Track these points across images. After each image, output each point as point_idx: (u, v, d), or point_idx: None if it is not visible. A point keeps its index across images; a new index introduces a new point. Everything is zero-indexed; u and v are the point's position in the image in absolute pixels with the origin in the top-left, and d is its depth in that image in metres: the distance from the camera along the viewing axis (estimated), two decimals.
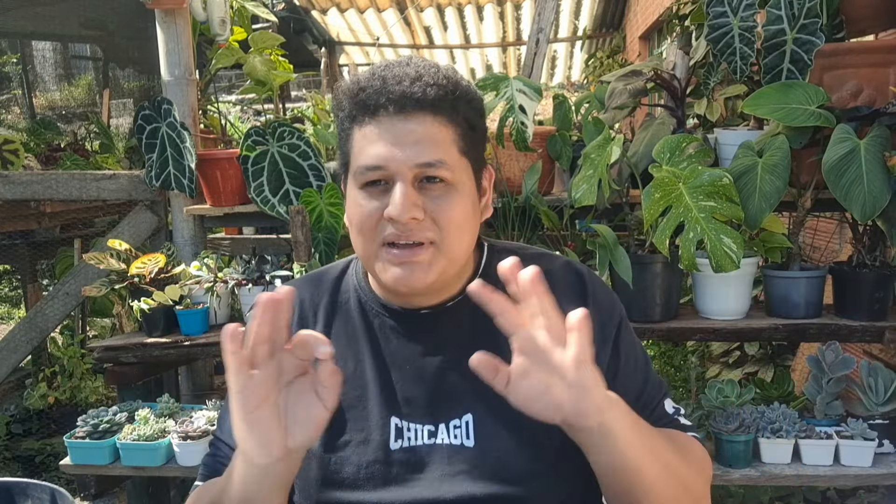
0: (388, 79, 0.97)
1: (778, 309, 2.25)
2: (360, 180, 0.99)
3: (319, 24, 7.49)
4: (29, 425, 3.83)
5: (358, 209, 0.99)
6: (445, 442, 1.02)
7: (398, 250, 0.98)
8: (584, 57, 9.16)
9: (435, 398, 1.03)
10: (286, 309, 0.80)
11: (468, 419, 1.02)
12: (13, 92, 6.15)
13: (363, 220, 0.99)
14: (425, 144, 0.96)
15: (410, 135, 0.96)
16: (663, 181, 2.04)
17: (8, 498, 1.69)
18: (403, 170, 0.96)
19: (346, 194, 1.04)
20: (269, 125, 2.75)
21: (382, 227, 0.98)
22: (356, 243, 1.02)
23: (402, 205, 0.95)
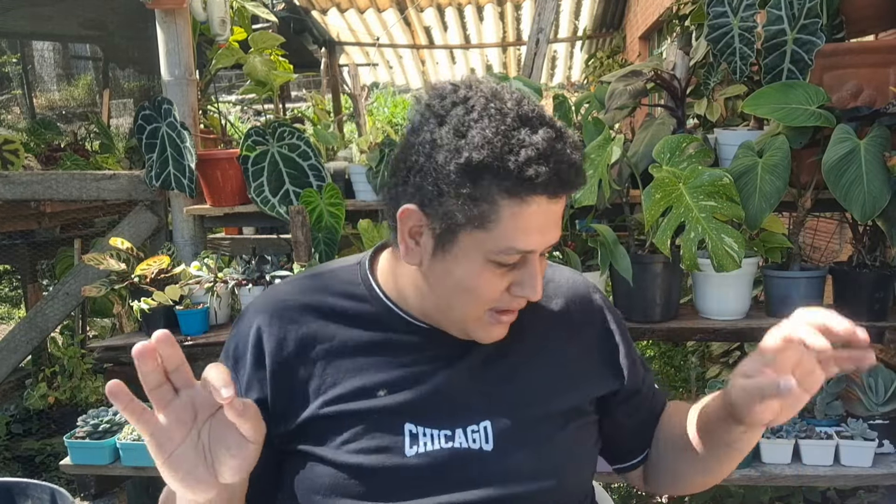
0: (562, 164, 0.91)
1: (778, 309, 2.25)
2: (496, 258, 0.94)
3: (319, 25, 7.49)
4: (29, 425, 3.83)
5: (480, 280, 0.96)
6: (464, 446, 1.01)
7: (504, 314, 1.00)
8: (584, 57, 9.16)
9: (453, 404, 1.02)
10: (166, 352, 0.81)
11: (486, 425, 1.02)
12: (13, 92, 6.15)
13: (488, 293, 0.97)
14: (559, 225, 0.98)
15: (554, 217, 0.96)
16: (664, 181, 2.04)
17: (8, 498, 1.70)
18: (540, 250, 0.97)
19: (451, 249, 0.96)
20: (269, 125, 2.75)
21: (504, 300, 0.98)
22: (456, 304, 0.99)
23: (540, 287, 0.97)
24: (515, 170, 0.88)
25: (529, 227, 0.92)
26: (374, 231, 2.50)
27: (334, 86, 7.46)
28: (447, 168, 0.91)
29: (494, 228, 0.92)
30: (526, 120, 0.91)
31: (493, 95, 0.93)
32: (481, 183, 0.90)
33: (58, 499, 1.70)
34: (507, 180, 0.89)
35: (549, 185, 0.90)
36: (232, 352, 1.08)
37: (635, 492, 2.91)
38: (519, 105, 0.92)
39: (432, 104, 0.95)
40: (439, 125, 0.92)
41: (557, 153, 0.90)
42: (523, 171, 0.88)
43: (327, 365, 1.03)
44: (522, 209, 0.91)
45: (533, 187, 0.90)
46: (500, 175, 0.89)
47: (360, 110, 5.77)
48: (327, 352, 1.04)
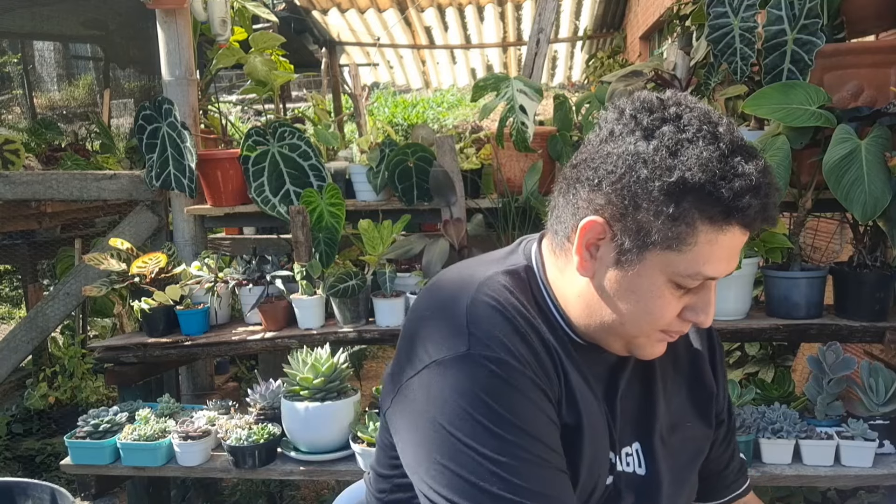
0: (770, 200, 0.89)
1: (778, 309, 2.25)
2: (681, 281, 0.92)
3: (320, 25, 7.49)
4: (29, 425, 3.83)
5: (661, 301, 0.94)
6: (624, 470, 1.04)
7: (669, 335, 1.00)
8: (585, 57, 9.16)
9: (618, 427, 1.04)
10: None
11: (637, 447, 1.05)
12: (14, 92, 6.15)
13: (664, 314, 0.95)
14: (740, 254, 0.97)
15: (740, 247, 0.94)
16: None
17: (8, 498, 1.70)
18: (722, 277, 0.96)
19: (635, 265, 0.92)
20: (269, 125, 2.76)
21: (675, 323, 0.97)
22: (629, 321, 0.96)
23: (712, 314, 0.97)
24: (729, 198, 0.86)
25: (720, 256, 0.91)
26: (374, 231, 2.50)
27: (335, 86, 7.46)
28: (651, 184, 0.88)
29: (688, 252, 0.90)
30: (739, 149, 0.89)
31: (706, 117, 0.90)
32: (684, 205, 0.87)
33: (58, 499, 1.70)
34: (716, 207, 0.87)
35: (756, 219, 0.89)
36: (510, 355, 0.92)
37: None
38: (731, 132, 0.90)
39: (639, 117, 0.91)
40: (645, 139, 0.89)
41: (767, 187, 0.88)
42: (736, 201, 0.86)
43: (568, 375, 0.99)
44: (718, 237, 0.89)
45: (741, 218, 0.88)
46: (709, 201, 0.87)
47: (360, 110, 5.77)
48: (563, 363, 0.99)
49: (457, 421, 0.88)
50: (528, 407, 0.90)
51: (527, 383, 0.91)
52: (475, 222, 2.53)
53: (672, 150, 0.87)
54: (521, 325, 0.94)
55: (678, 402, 1.11)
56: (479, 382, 0.89)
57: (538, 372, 0.93)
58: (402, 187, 2.59)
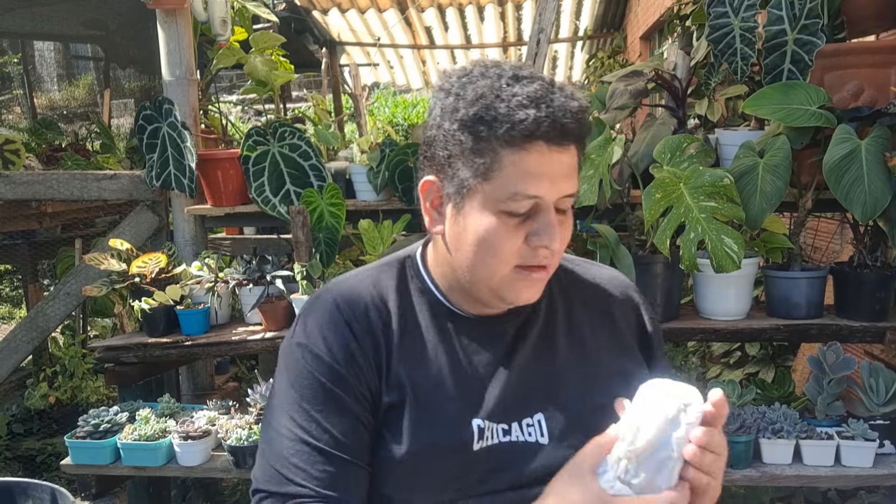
0: (555, 109, 0.94)
1: (779, 309, 2.25)
2: (505, 206, 0.96)
3: (320, 25, 7.49)
4: (30, 425, 3.83)
5: (495, 232, 0.98)
6: (521, 440, 1.04)
7: (534, 273, 1.01)
8: (585, 57, 9.15)
9: (506, 399, 1.05)
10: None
11: (539, 418, 1.05)
12: (14, 92, 6.15)
13: (501, 245, 0.98)
14: (572, 177, 0.99)
15: (564, 168, 0.97)
16: (664, 181, 2.04)
17: (9, 497, 1.70)
18: (552, 201, 0.98)
19: (459, 209, 1.00)
20: (269, 125, 2.76)
21: (524, 254, 0.99)
22: (477, 262, 1.00)
23: (557, 235, 0.98)
24: (507, 115, 0.93)
25: (533, 172, 0.95)
26: (374, 231, 2.50)
27: (335, 86, 7.46)
28: (451, 129, 0.97)
29: (498, 178, 0.95)
30: (521, 78, 0.96)
31: (494, 64, 0.99)
32: (480, 135, 0.95)
33: (58, 498, 1.70)
34: (501, 128, 0.93)
35: (541, 128, 0.93)
36: (324, 346, 1.03)
37: None
38: (516, 69, 0.97)
39: (442, 84, 1.01)
40: (446, 97, 0.99)
41: (550, 100, 0.94)
42: (514, 114, 0.93)
43: (399, 355, 1.05)
44: (522, 156, 0.94)
45: (527, 132, 0.93)
46: (495, 125, 0.94)
47: (360, 110, 5.76)
48: (398, 343, 1.05)
49: (275, 393, 1.06)
50: (320, 393, 1.01)
51: (326, 372, 1.02)
52: None
53: (460, 95, 0.97)
54: (344, 319, 1.04)
55: (595, 370, 1.10)
56: (289, 366, 1.05)
57: (346, 363, 1.02)
58: (402, 187, 2.59)
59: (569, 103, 0.95)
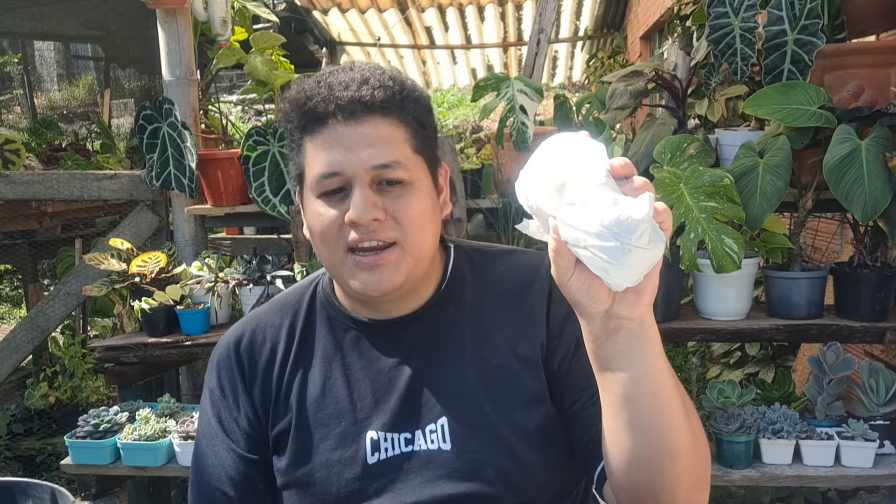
0: (335, 85, 0.97)
1: (779, 309, 2.25)
2: (317, 189, 0.98)
3: (320, 25, 7.49)
4: (30, 425, 3.83)
5: (318, 218, 0.99)
6: (423, 448, 1.01)
7: (364, 255, 0.98)
8: (585, 57, 9.15)
9: (409, 406, 1.03)
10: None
11: (443, 423, 1.02)
12: (14, 92, 6.15)
13: (325, 229, 0.98)
14: (379, 147, 0.97)
15: (363, 139, 0.96)
16: (664, 181, 2.04)
17: (9, 497, 1.69)
18: (360, 174, 0.96)
19: (303, 207, 1.04)
20: (270, 125, 2.76)
21: (345, 234, 0.97)
22: (321, 254, 1.02)
23: (361, 206, 0.95)
24: (300, 105, 0.99)
25: (328, 151, 0.97)
26: None
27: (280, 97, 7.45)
28: (287, 139, 1.04)
29: (308, 166, 1.00)
30: (339, 70, 1.01)
31: (340, 70, 1.02)
32: (293, 135, 1.01)
33: (58, 498, 1.70)
34: (301, 121, 0.99)
35: (329, 108, 0.96)
36: (216, 381, 1.12)
37: None
38: (343, 69, 1.01)
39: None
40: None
41: (337, 80, 0.98)
42: (304, 105, 0.98)
43: (296, 378, 1.07)
44: (318, 139, 0.98)
45: (319, 115, 0.97)
46: (294, 120, 1.00)
47: None
48: (295, 363, 1.08)
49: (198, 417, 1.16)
50: (208, 423, 1.11)
51: (212, 411, 1.11)
52: (476, 222, 2.54)
53: (290, 100, 1.02)
54: (236, 357, 1.10)
55: (501, 367, 1.03)
56: (203, 395, 1.14)
57: (230, 400, 1.10)
58: None
59: (353, 76, 0.98)
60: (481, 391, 1.02)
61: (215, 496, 1.08)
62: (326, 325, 1.09)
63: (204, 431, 1.11)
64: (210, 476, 1.08)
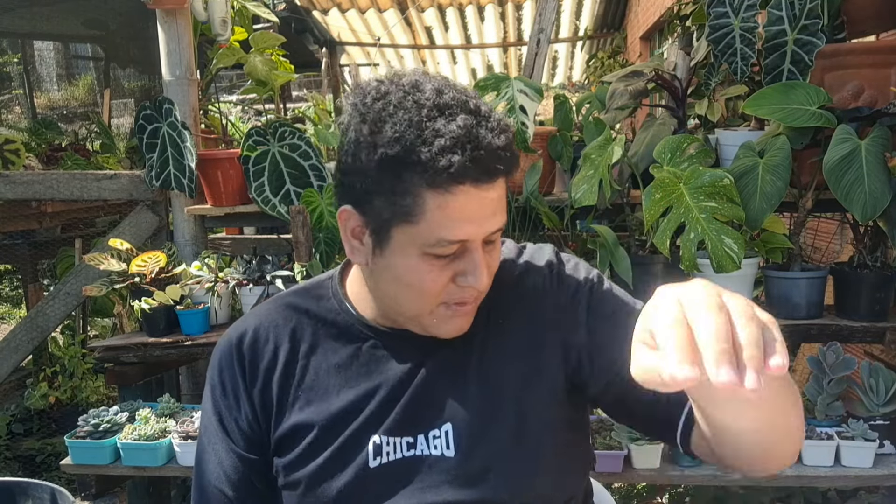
0: (482, 149, 0.88)
1: (779, 309, 2.24)
2: (430, 250, 0.92)
3: (320, 25, 7.49)
4: (30, 425, 3.83)
5: (419, 275, 0.93)
6: (425, 453, 1.00)
7: (460, 306, 0.97)
8: (585, 57, 9.15)
9: (414, 411, 1.01)
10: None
11: (447, 429, 1.00)
12: (14, 91, 6.15)
13: (428, 288, 0.94)
14: (500, 211, 0.94)
15: (490, 204, 0.92)
16: (664, 181, 2.04)
17: (9, 497, 1.70)
18: (480, 239, 0.93)
19: (388, 247, 0.94)
20: (269, 125, 2.76)
21: (450, 292, 0.95)
22: (402, 300, 0.98)
23: (485, 276, 0.94)
24: (429, 161, 0.87)
25: (459, 217, 0.89)
26: None
27: (335, 86, 7.46)
28: (369, 165, 0.90)
29: (422, 222, 0.90)
30: (443, 108, 0.89)
31: (413, 87, 0.91)
32: (402, 177, 0.89)
33: (58, 498, 1.70)
34: (425, 172, 0.87)
35: (468, 173, 0.87)
36: (218, 377, 1.10)
37: (636, 492, 2.91)
38: (439, 94, 0.90)
39: (356, 103, 0.93)
40: (361, 122, 0.91)
41: (475, 139, 0.88)
42: (437, 161, 0.86)
43: (302, 381, 1.05)
44: (447, 200, 0.88)
45: (452, 177, 0.87)
46: (417, 168, 0.87)
47: None
48: (301, 367, 1.06)
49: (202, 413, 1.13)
50: (209, 420, 1.10)
51: (213, 409, 1.09)
52: None
53: (377, 128, 0.89)
54: (238, 355, 1.08)
55: (508, 371, 1.02)
56: (206, 391, 1.12)
57: (231, 399, 1.08)
58: None
59: (495, 140, 0.89)
60: (490, 398, 1.01)
61: (214, 495, 1.08)
62: (336, 331, 1.07)
63: (205, 429, 1.10)
64: (210, 475, 1.08)
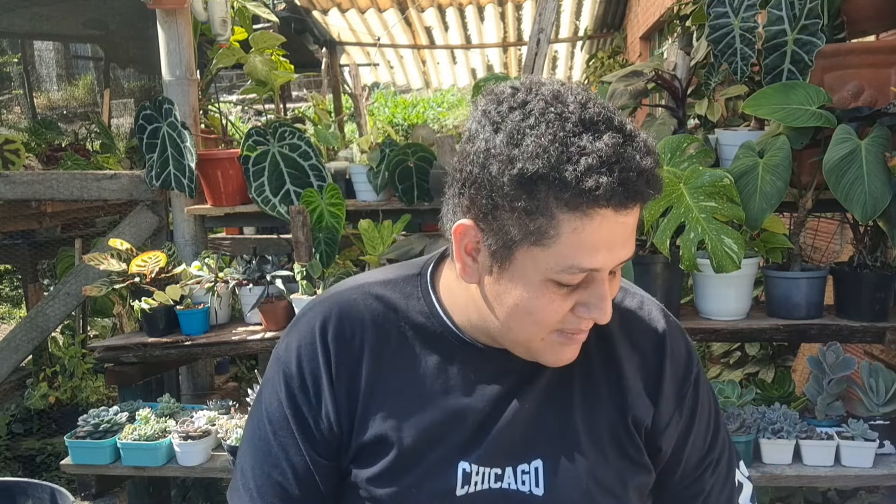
0: (630, 171, 0.81)
1: (779, 309, 2.25)
2: (557, 277, 0.86)
3: (320, 25, 7.49)
4: (30, 425, 3.83)
5: (546, 304, 0.88)
6: (513, 488, 0.96)
7: (574, 335, 0.92)
8: (585, 57, 9.15)
9: (505, 441, 0.96)
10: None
11: (538, 465, 0.96)
12: (14, 91, 6.15)
13: (549, 315, 0.89)
14: (632, 239, 0.88)
15: (625, 231, 0.85)
16: (664, 182, 2.04)
17: (9, 497, 1.70)
18: (609, 268, 0.88)
19: (507, 269, 0.88)
20: (269, 125, 2.76)
21: (568, 321, 0.90)
22: (515, 325, 0.91)
23: (609, 309, 0.89)
24: (573, 181, 0.79)
25: (594, 244, 0.83)
26: (374, 231, 2.49)
27: (335, 86, 7.46)
28: (501, 179, 0.83)
29: (553, 245, 0.83)
30: (589, 124, 0.82)
31: (555, 98, 0.84)
32: (537, 195, 0.82)
33: (58, 498, 1.71)
34: (566, 192, 0.80)
35: (613, 197, 0.80)
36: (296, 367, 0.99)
37: None
38: (583, 108, 0.83)
39: (488, 110, 0.86)
40: (494, 132, 0.84)
41: (623, 160, 0.81)
42: (582, 181, 0.79)
43: (386, 386, 0.98)
44: (585, 224, 0.82)
45: (595, 199, 0.80)
46: (558, 187, 0.80)
47: (360, 110, 5.77)
48: (387, 371, 0.98)
49: (256, 400, 1.04)
50: (284, 422, 0.99)
51: (288, 401, 0.99)
52: None
53: (515, 140, 0.82)
54: (325, 342, 0.98)
55: (604, 416, 0.99)
56: (268, 378, 1.03)
57: (311, 393, 0.98)
58: (402, 187, 2.59)
59: (643, 161, 0.82)
60: (584, 441, 0.97)
61: (275, 491, 0.99)
62: (430, 339, 0.99)
63: (270, 421, 0.99)
64: (273, 470, 0.99)
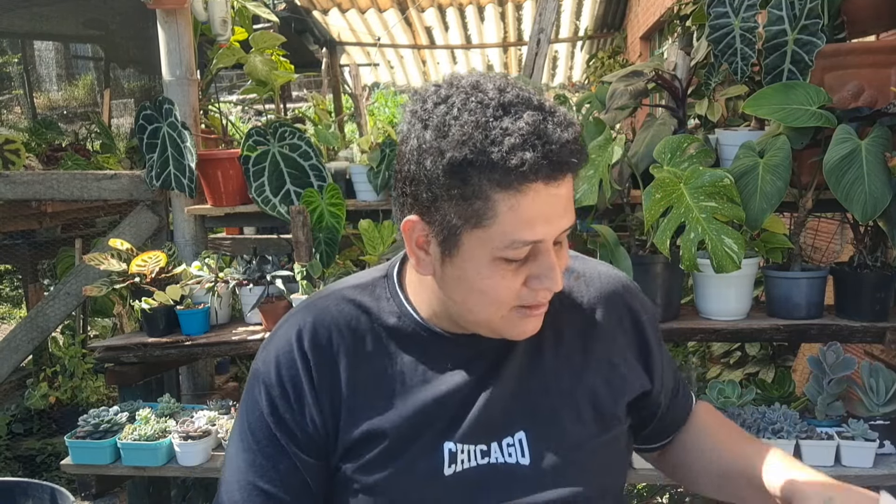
0: (552, 145, 0.86)
1: (779, 309, 2.25)
2: (502, 254, 0.90)
3: (320, 25, 7.49)
4: (30, 425, 3.83)
5: (498, 282, 0.92)
6: (500, 461, 0.99)
7: (533, 309, 0.96)
8: (585, 57, 9.16)
9: (487, 418, 1.00)
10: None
11: (521, 437, 1.00)
12: (14, 92, 6.16)
13: (503, 292, 0.93)
14: (570, 209, 0.92)
15: (561, 202, 0.90)
16: (664, 181, 2.04)
17: (9, 497, 1.70)
18: (552, 239, 0.92)
19: (461, 252, 0.92)
20: (270, 125, 2.76)
21: (523, 296, 0.94)
22: (474, 307, 0.95)
23: (560, 277, 0.93)
24: (500, 161, 0.85)
25: (531, 217, 0.88)
26: (374, 231, 2.50)
27: (335, 86, 7.46)
28: (435, 171, 0.88)
29: (494, 224, 0.88)
30: (509, 107, 0.87)
31: (474, 88, 0.89)
32: (470, 180, 0.87)
33: (58, 498, 1.70)
34: (496, 173, 0.85)
35: (540, 171, 0.85)
36: (276, 377, 1.02)
37: (636, 492, 2.91)
38: (501, 93, 0.88)
39: (416, 109, 0.92)
40: (423, 129, 0.89)
41: (545, 135, 0.86)
42: (508, 160, 0.84)
43: (367, 386, 1.01)
44: (519, 200, 0.87)
45: (524, 175, 0.85)
46: (487, 169, 0.85)
47: (361, 110, 5.77)
48: (366, 372, 1.02)
49: (238, 414, 1.06)
50: (266, 431, 1.01)
51: (269, 410, 1.01)
52: None
53: (442, 132, 0.87)
54: (302, 350, 1.01)
55: (582, 384, 1.04)
56: (248, 389, 1.05)
57: (292, 400, 1.00)
58: None
59: (564, 134, 0.87)
60: (563, 406, 1.02)
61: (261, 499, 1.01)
62: (399, 334, 1.03)
63: (252, 431, 1.02)
64: (258, 478, 1.01)
